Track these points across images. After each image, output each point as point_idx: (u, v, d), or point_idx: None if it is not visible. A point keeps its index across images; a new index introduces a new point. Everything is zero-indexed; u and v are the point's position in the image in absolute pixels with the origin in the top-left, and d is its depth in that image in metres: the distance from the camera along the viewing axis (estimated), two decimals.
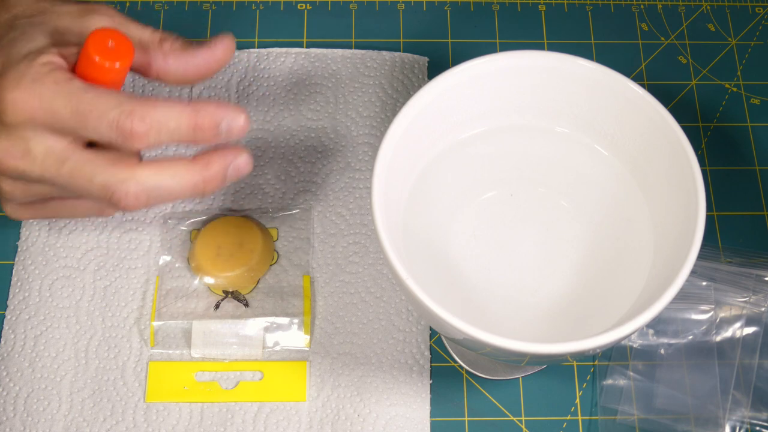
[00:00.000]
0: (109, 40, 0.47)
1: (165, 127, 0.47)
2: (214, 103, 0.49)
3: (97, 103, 0.46)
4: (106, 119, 0.46)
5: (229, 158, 0.50)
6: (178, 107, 0.48)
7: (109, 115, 0.46)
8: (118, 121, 0.46)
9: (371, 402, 0.57)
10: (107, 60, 0.47)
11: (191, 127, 0.48)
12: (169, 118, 0.47)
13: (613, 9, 0.72)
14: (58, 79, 0.47)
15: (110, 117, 0.46)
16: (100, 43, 0.47)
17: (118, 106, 0.46)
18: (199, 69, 0.50)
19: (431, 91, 0.52)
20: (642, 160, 0.53)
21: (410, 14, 0.71)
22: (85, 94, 0.46)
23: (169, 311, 0.59)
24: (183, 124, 0.48)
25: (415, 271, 0.48)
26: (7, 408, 0.57)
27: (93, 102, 0.46)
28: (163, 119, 0.47)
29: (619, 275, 0.53)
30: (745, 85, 0.69)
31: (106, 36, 0.48)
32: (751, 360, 0.58)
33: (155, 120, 0.47)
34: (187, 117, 0.48)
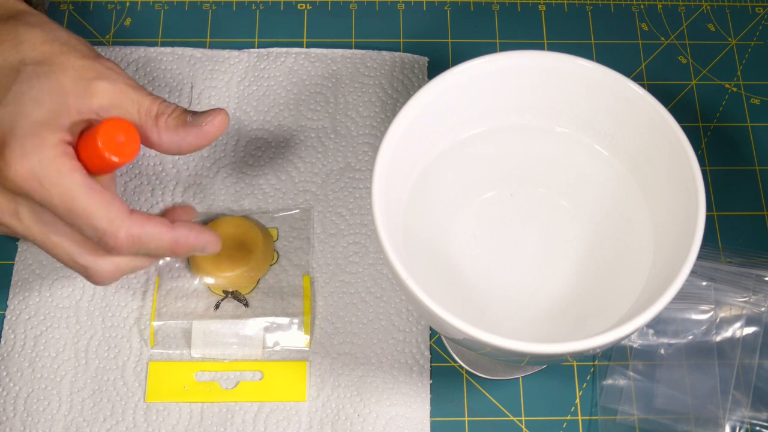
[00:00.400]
0: (120, 134, 0.49)
1: (144, 246, 0.51)
2: (195, 232, 0.53)
3: (90, 210, 0.48)
4: (93, 227, 0.49)
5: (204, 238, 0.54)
6: (162, 234, 0.51)
7: (97, 224, 0.49)
8: (104, 235, 0.49)
9: (371, 402, 0.57)
10: (114, 155, 0.49)
11: (169, 249, 0.52)
12: (150, 240, 0.51)
13: (613, 9, 0.72)
14: (62, 169, 0.48)
15: (98, 227, 0.49)
16: (111, 137, 0.49)
17: (109, 222, 0.49)
18: (191, 145, 0.52)
19: (431, 91, 0.52)
20: (642, 160, 0.53)
21: (410, 14, 0.71)
22: (80, 198, 0.48)
23: (169, 311, 0.59)
24: (162, 247, 0.51)
25: (415, 271, 0.48)
26: (7, 408, 0.57)
27: (86, 208, 0.48)
28: (145, 240, 0.50)
29: (619, 275, 0.53)
30: (745, 85, 0.69)
31: (117, 129, 0.49)
32: (751, 360, 0.58)
33: (138, 239, 0.50)
34: (168, 243, 0.51)
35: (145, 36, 0.69)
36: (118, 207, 0.49)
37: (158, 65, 0.67)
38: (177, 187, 0.63)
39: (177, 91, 0.66)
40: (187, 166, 0.64)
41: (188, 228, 0.52)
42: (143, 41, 0.69)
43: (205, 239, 0.53)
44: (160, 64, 0.67)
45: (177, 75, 0.66)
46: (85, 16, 0.70)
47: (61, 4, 0.70)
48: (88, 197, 0.48)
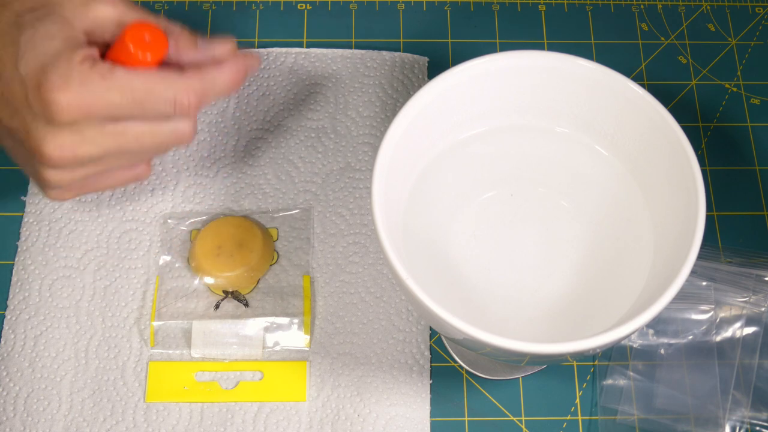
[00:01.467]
0: (146, 33, 0.50)
1: (213, 90, 0.52)
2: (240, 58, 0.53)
3: (151, 88, 0.49)
4: (164, 100, 0.50)
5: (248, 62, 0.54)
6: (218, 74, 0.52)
7: (166, 95, 0.50)
8: (175, 100, 0.50)
9: (371, 402, 0.57)
10: (145, 52, 0.50)
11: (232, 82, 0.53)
12: (212, 85, 0.51)
13: (613, 9, 0.72)
14: (103, 73, 0.48)
15: (167, 97, 0.50)
16: (138, 37, 0.50)
17: (171, 86, 0.50)
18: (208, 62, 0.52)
19: (431, 91, 0.52)
20: (642, 160, 0.53)
21: (410, 14, 0.71)
22: (136, 83, 0.49)
23: (169, 311, 0.59)
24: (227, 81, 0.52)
25: (415, 271, 0.48)
26: (7, 408, 0.57)
27: (147, 89, 0.49)
28: (211, 84, 0.51)
29: (619, 275, 0.53)
30: (745, 85, 0.69)
31: (142, 29, 0.50)
32: (751, 360, 0.58)
33: (206, 88, 0.51)
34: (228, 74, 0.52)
35: None
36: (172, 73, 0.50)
37: None
38: (177, 187, 0.63)
39: None
40: (187, 166, 0.64)
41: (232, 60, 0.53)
42: None
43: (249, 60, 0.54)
44: None
45: None
46: None
47: None
48: (142, 80, 0.49)
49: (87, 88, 0.48)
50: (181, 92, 0.50)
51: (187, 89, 0.50)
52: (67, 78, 0.48)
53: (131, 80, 0.49)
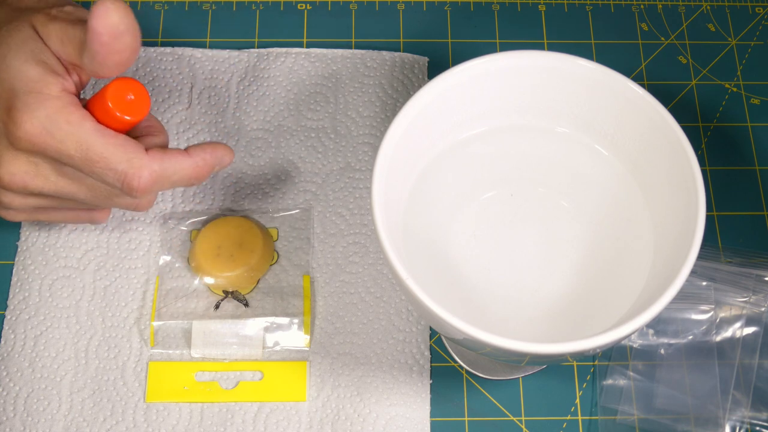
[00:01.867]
0: (129, 93, 0.49)
1: (167, 181, 0.50)
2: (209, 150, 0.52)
3: (107, 155, 0.48)
4: (113, 172, 0.48)
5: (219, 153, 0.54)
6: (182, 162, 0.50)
7: (117, 168, 0.48)
8: (125, 177, 0.48)
9: (371, 402, 0.57)
10: (125, 114, 0.49)
11: (191, 177, 0.52)
12: (173, 173, 0.50)
13: (613, 9, 0.72)
14: (71, 119, 0.48)
15: (118, 170, 0.48)
16: (120, 96, 0.49)
17: (127, 161, 0.48)
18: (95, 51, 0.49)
19: (431, 91, 0.52)
20: (642, 160, 0.53)
21: (410, 14, 0.71)
22: (95, 144, 0.48)
23: (169, 311, 0.59)
24: (185, 176, 0.51)
25: (415, 271, 0.48)
26: (7, 408, 0.57)
27: (102, 151, 0.48)
28: (168, 173, 0.50)
29: (619, 275, 0.53)
30: (745, 85, 0.69)
31: (126, 88, 0.49)
32: (751, 360, 0.58)
33: (160, 176, 0.49)
34: (190, 169, 0.51)
35: (145, 36, 0.69)
36: (134, 147, 0.49)
37: (158, 65, 0.67)
38: None
39: (177, 91, 0.66)
40: None
41: (201, 149, 0.52)
42: (143, 41, 0.68)
43: (220, 153, 0.53)
44: (160, 64, 0.67)
45: (177, 75, 0.66)
46: None
47: None
48: (102, 142, 0.48)
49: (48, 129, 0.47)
50: (133, 171, 0.49)
51: (141, 170, 0.49)
52: (34, 110, 0.47)
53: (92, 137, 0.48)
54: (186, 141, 0.65)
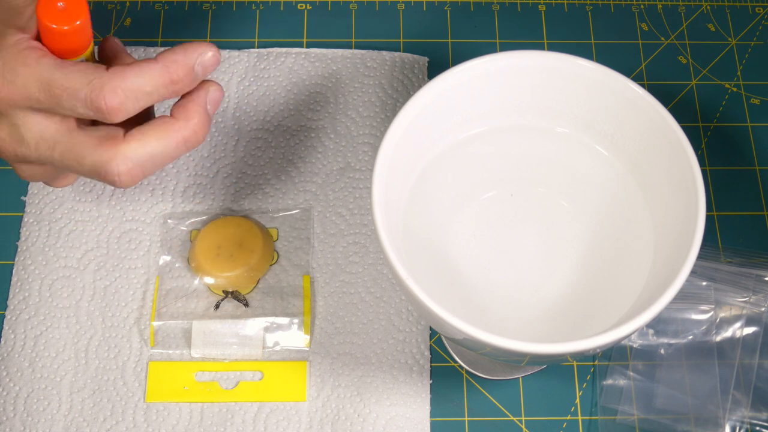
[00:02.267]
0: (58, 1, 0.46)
1: (141, 93, 0.46)
2: (181, 49, 0.47)
3: (67, 83, 0.45)
4: (79, 99, 0.45)
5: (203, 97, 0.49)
6: (149, 70, 0.46)
7: (80, 94, 0.45)
8: (90, 100, 0.45)
9: (371, 402, 0.57)
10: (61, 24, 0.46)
11: (167, 83, 0.47)
12: (143, 84, 0.46)
13: (613, 9, 0.72)
14: (27, 61, 0.45)
15: (82, 96, 0.45)
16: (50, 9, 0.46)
17: (88, 83, 0.45)
18: None
19: (431, 91, 0.52)
20: (642, 160, 0.53)
21: (410, 14, 0.71)
22: (54, 75, 0.45)
23: (169, 311, 0.59)
24: (159, 84, 0.46)
25: (415, 271, 0.48)
26: (7, 408, 0.57)
27: (63, 82, 0.45)
28: (137, 86, 0.46)
29: (619, 275, 0.53)
30: (745, 85, 0.69)
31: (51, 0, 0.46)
32: (751, 360, 0.58)
33: (129, 90, 0.46)
34: (161, 76, 0.46)
35: (145, 36, 0.69)
36: (94, 69, 0.46)
37: None
38: (177, 187, 0.63)
39: None
40: (187, 166, 0.64)
41: (171, 51, 0.47)
42: (143, 41, 0.69)
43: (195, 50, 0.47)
44: None
45: None
46: None
47: None
48: (61, 74, 0.45)
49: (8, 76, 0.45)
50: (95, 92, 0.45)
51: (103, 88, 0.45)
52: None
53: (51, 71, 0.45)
54: None
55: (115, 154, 0.47)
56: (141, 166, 0.47)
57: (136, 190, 0.63)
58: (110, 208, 0.63)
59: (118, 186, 0.48)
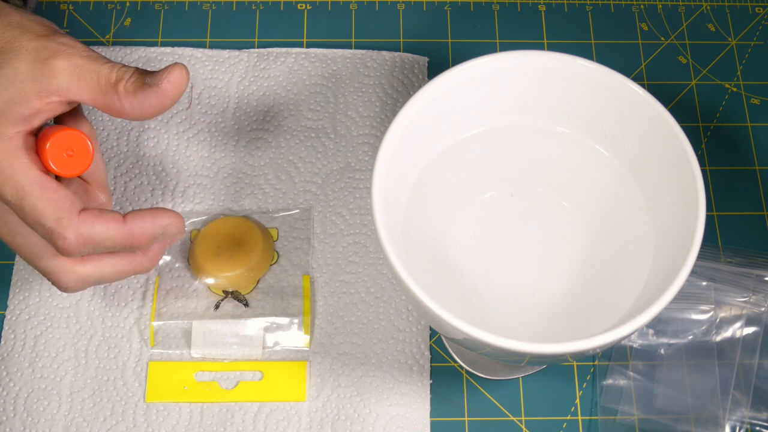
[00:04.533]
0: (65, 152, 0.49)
1: (98, 246, 0.49)
2: (150, 219, 0.51)
3: (39, 206, 0.47)
4: (43, 227, 0.48)
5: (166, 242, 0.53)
6: (114, 230, 0.49)
7: (45, 223, 0.47)
8: (51, 235, 0.48)
9: (371, 402, 0.57)
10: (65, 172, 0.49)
11: (126, 244, 0.50)
12: (104, 239, 0.49)
13: (613, 9, 0.72)
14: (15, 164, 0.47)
15: (46, 226, 0.48)
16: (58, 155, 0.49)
17: (57, 219, 0.47)
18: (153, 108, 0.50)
19: (431, 91, 0.52)
20: (642, 160, 0.53)
21: (410, 14, 0.71)
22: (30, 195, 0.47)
23: (169, 311, 0.59)
24: (117, 243, 0.50)
25: (415, 271, 0.48)
26: (7, 408, 0.57)
27: (35, 203, 0.47)
28: (98, 240, 0.49)
29: (619, 275, 0.53)
30: (745, 85, 0.69)
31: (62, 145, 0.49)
32: (751, 360, 0.58)
33: (90, 240, 0.49)
34: (123, 238, 0.50)
35: (145, 36, 0.69)
36: (68, 206, 0.48)
37: (158, 65, 0.67)
38: (177, 187, 0.63)
39: None
40: (187, 166, 0.64)
41: (141, 217, 0.50)
42: (143, 41, 0.69)
43: (162, 223, 0.51)
44: (160, 64, 0.67)
45: None
46: (85, 16, 0.70)
47: (60, 4, 0.70)
48: (38, 194, 0.47)
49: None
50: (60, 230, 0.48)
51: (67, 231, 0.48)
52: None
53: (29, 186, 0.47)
54: (186, 141, 0.65)
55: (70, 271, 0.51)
56: (87, 284, 0.52)
57: (136, 190, 0.63)
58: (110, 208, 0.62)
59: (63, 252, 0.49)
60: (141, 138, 0.65)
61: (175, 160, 0.64)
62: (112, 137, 0.65)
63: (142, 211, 0.51)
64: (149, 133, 0.65)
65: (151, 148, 0.64)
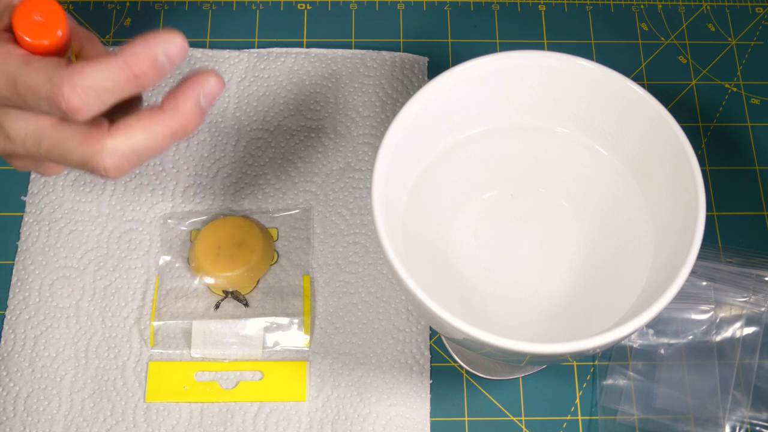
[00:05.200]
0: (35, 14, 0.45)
1: (102, 91, 0.44)
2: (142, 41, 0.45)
3: (30, 80, 0.44)
4: (41, 97, 0.44)
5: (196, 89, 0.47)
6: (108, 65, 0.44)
7: (41, 92, 0.44)
8: (50, 98, 0.44)
9: (371, 402, 0.57)
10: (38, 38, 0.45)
11: (130, 78, 0.44)
12: (102, 80, 0.44)
13: (613, 9, 0.72)
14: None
15: (43, 94, 0.44)
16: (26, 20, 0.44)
17: (48, 81, 0.44)
18: None
19: (431, 91, 0.52)
20: (642, 160, 0.53)
21: (410, 14, 0.71)
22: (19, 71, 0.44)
23: (169, 311, 0.59)
24: (120, 80, 0.44)
25: (415, 271, 0.48)
26: (7, 408, 0.57)
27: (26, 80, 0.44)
28: (97, 83, 0.44)
29: (619, 275, 0.53)
30: (745, 85, 0.69)
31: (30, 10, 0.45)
32: (751, 360, 0.58)
33: (88, 87, 0.44)
34: (121, 71, 0.44)
35: None
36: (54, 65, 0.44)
37: None
38: (177, 187, 0.63)
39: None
40: (187, 166, 0.64)
41: (130, 44, 0.45)
42: None
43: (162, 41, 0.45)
44: None
45: (177, 75, 0.66)
46: (85, 16, 0.70)
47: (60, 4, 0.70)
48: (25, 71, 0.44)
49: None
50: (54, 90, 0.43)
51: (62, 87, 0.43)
52: None
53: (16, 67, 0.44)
54: (186, 141, 0.65)
55: (102, 148, 0.46)
56: (127, 159, 0.46)
57: (136, 190, 0.63)
58: (110, 208, 0.63)
59: (107, 178, 0.47)
60: None
61: (175, 160, 0.64)
62: None
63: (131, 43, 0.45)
64: None
65: None
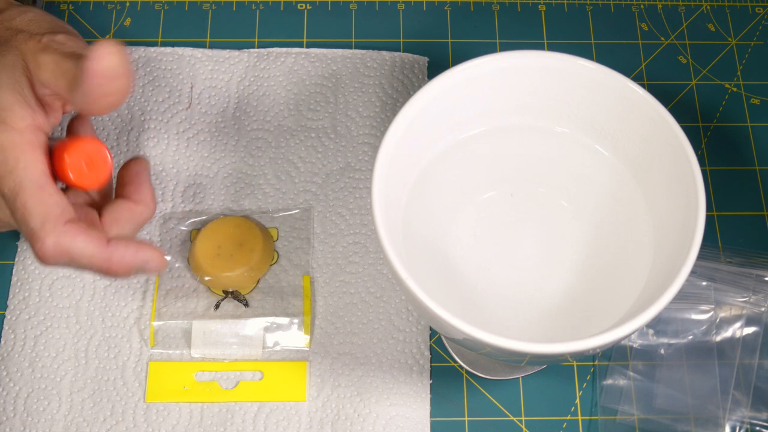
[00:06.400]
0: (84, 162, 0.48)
1: (75, 260, 0.48)
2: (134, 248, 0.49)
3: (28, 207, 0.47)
4: (26, 226, 0.47)
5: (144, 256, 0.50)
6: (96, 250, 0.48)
7: (30, 223, 0.47)
8: (32, 235, 0.47)
9: (371, 402, 0.57)
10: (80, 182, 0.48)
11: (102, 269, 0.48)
12: (81, 256, 0.48)
13: (613, 9, 0.72)
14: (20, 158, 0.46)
15: (30, 226, 0.47)
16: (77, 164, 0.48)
17: (41, 223, 0.47)
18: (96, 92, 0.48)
19: (431, 91, 0.52)
20: (642, 160, 0.53)
21: (410, 14, 0.71)
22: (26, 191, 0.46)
23: (169, 311, 0.59)
24: (94, 264, 0.48)
25: (415, 271, 0.48)
26: (7, 408, 0.57)
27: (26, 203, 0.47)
28: (76, 254, 0.47)
29: (619, 275, 0.53)
30: (745, 85, 0.69)
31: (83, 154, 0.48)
32: (751, 360, 0.58)
33: (67, 253, 0.47)
34: (101, 262, 0.48)
35: (145, 36, 0.69)
36: (57, 212, 0.47)
37: (158, 65, 0.67)
38: (177, 187, 0.63)
39: (177, 91, 0.66)
40: (187, 166, 0.64)
41: (125, 245, 0.49)
42: (143, 41, 0.69)
43: (144, 257, 0.49)
44: (160, 64, 0.67)
45: (177, 75, 0.66)
46: (85, 16, 0.70)
47: (61, 4, 0.70)
48: (31, 194, 0.46)
49: None
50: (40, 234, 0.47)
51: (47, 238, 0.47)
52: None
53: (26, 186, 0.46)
54: (186, 141, 0.65)
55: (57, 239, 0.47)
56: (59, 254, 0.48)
57: None
58: None
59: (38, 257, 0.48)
60: (141, 138, 0.65)
61: (175, 160, 0.64)
62: (112, 137, 0.65)
63: (127, 240, 0.49)
64: (149, 133, 0.65)
65: (151, 148, 0.64)
